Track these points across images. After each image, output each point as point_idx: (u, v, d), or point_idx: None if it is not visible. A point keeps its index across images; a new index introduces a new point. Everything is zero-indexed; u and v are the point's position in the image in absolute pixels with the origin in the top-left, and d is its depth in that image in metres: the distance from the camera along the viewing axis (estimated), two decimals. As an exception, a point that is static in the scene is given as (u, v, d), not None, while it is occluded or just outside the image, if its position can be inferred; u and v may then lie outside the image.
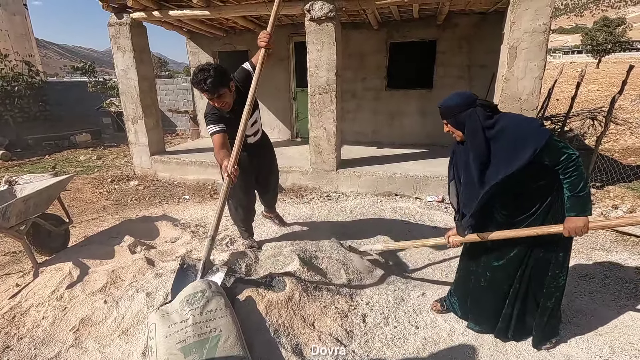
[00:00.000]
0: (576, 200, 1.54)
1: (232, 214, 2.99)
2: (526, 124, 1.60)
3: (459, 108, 1.65)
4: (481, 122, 1.61)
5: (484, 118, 1.62)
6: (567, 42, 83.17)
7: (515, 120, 1.62)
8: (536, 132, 1.54)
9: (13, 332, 2.08)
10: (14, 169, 6.58)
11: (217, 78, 2.21)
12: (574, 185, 1.53)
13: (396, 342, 1.95)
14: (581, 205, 1.55)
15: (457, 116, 1.67)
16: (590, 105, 10.83)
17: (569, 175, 1.53)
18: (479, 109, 1.63)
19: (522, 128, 1.58)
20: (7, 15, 13.06)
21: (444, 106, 1.72)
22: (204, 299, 1.84)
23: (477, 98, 1.67)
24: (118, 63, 5.24)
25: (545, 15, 3.54)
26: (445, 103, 1.71)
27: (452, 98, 1.70)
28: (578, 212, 1.55)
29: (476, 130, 1.62)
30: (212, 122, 2.37)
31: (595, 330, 2.00)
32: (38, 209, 2.85)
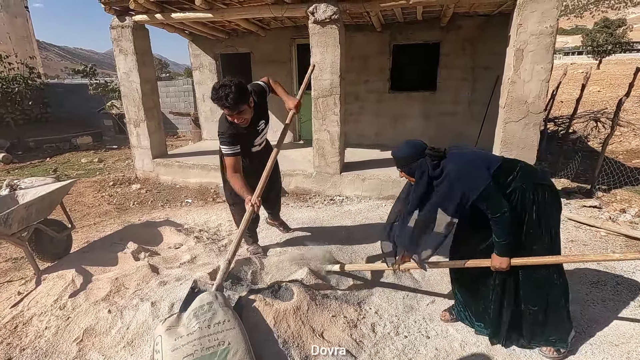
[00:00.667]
0: (498, 245, 1.75)
1: (237, 220, 2.94)
2: (467, 173, 1.72)
3: (410, 159, 1.81)
4: (428, 173, 1.76)
5: (432, 168, 1.77)
6: (567, 43, 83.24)
7: (457, 169, 1.74)
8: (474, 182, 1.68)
9: (15, 342, 2.04)
10: (15, 172, 6.54)
11: (238, 94, 2.19)
12: (496, 234, 1.74)
13: (407, 353, 1.91)
14: (500, 250, 1.75)
15: (409, 166, 1.82)
16: (592, 107, 10.80)
17: (493, 225, 1.72)
18: (428, 158, 1.78)
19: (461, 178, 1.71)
20: (9, 18, 13.05)
21: (397, 156, 1.87)
22: (211, 312, 1.80)
23: (425, 147, 1.81)
24: (120, 66, 5.21)
25: (552, 18, 3.50)
26: (397, 154, 1.87)
27: (403, 149, 1.85)
28: (498, 253, 1.77)
29: (423, 179, 1.78)
30: (228, 144, 2.36)
31: (610, 341, 1.96)
32: (40, 215, 2.82)
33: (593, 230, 3.46)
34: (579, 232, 3.43)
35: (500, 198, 1.68)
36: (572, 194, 4.45)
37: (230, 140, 2.35)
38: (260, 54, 6.60)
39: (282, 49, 6.42)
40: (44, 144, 8.82)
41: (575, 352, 1.90)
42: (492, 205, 1.68)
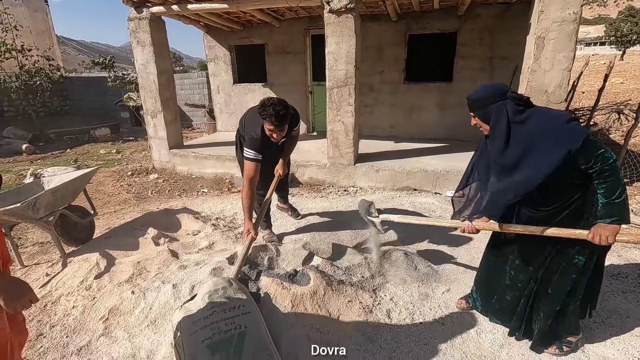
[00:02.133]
0: (611, 208, 1.42)
1: (255, 207, 3.00)
2: (561, 121, 1.49)
3: (488, 100, 1.56)
4: (509, 116, 1.52)
5: (514, 112, 1.52)
6: (589, 33, 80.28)
7: (548, 117, 1.52)
8: (572, 131, 1.43)
9: (45, 320, 2.13)
10: (38, 162, 6.76)
11: (287, 116, 2.40)
12: (609, 191, 1.41)
13: (423, 339, 1.93)
14: (617, 213, 1.43)
15: (485, 108, 1.58)
16: (615, 99, 10.45)
17: (603, 180, 1.41)
18: (509, 102, 1.53)
19: (555, 126, 1.47)
20: (29, 12, 13.38)
21: (472, 98, 1.63)
22: (226, 296, 1.84)
23: (508, 90, 1.57)
24: (137, 57, 5.29)
25: (576, 4, 3.40)
26: (474, 95, 1.63)
27: (481, 89, 1.61)
28: (612, 219, 1.43)
29: (501, 124, 1.53)
30: (254, 149, 2.49)
31: (631, 331, 1.93)
32: (65, 201, 2.92)
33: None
34: (599, 225, 3.36)
35: (604, 146, 1.41)
36: (593, 187, 4.34)
37: (258, 147, 2.49)
38: (274, 45, 6.60)
39: (296, 40, 6.41)
40: (64, 135, 9.07)
41: (594, 342, 1.88)
42: (602, 153, 1.39)
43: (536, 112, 1.54)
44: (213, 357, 1.56)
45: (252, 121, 2.58)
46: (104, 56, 9.86)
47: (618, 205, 1.41)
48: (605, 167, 1.39)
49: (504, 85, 1.59)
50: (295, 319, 1.91)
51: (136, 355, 1.83)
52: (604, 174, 1.40)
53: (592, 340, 1.89)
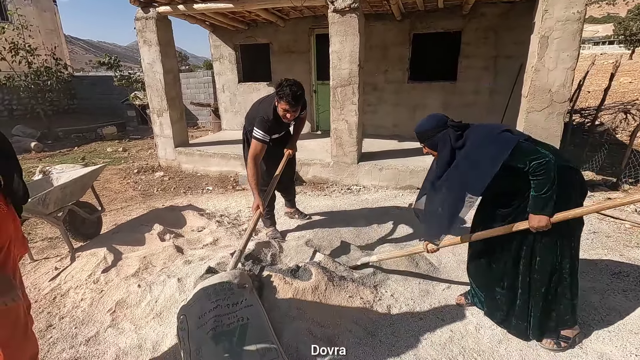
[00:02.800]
0: (538, 200, 1.62)
1: None
2: (493, 135, 1.65)
3: (433, 131, 1.77)
4: (452, 143, 1.72)
5: (455, 139, 1.72)
6: (598, 32, 79.26)
7: (481, 135, 1.69)
8: (503, 143, 1.60)
9: (54, 312, 2.20)
10: (46, 160, 6.87)
11: (303, 96, 2.51)
12: (538, 186, 1.60)
13: (422, 334, 1.96)
14: (542, 205, 1.62)
15: (431, 139, 1.78)
16: (623, 99, 10.34)
17: (535, 177, 1.59)
18: (450, 129, 1.73)
19: (487, 141, 1.64)
20: (38, 12, 13.54)
21: (419, 131, 1.83)
22: (230, 289, 1.89)
23: (447, 119, 1.77)
24: (144, 56, 5.37)
25: (581, 3, 3.39)
26: (420, 128, 1.83)
27: (424, 122, 1.81)
28: (538, 211, 1.63)
29: (446, 151, 1.74)
30: (264, 130, 2.55)
31: (630, 329, 1.94)
32: (74, 197, 2.99)
33: (617, 223, 3.38)
34: (602, 224, 3.36)
35: (536, 148, 1.59)
36: (597, 187, 4.33)
37: (268, 128, 2.55)
38: (279, 44, 6.65)
39: (301, 39, 6.45)
40: (72, 133, 9.20)
41: (592, 339, 1.90)
42: (532, 155, 1.56)
43: (471, 133, 1.72)
44: (216, 347, 1.61)
45: (264, 105, 2.67)
46: (109, 56, 9.97)
47: (542, 199, 1.61)
48: (539, 167, 1.56)
49: (443, 116, 1.80)
50: (297, 313, 1.95)
51: (142, 346, 1.88)
52: (537, 172, 1.58)
53: (590, 336, 1.91)
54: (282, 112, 2.51)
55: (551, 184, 1.58)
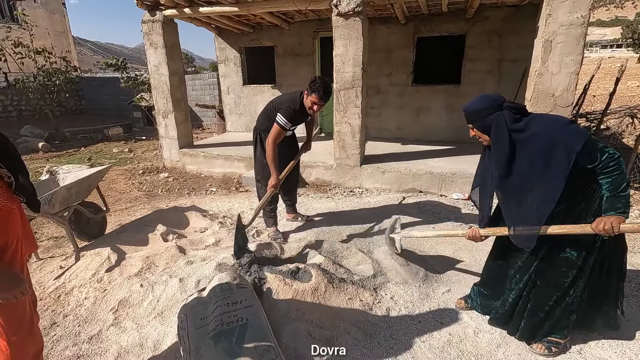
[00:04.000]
0: (616, 200, 1.45)
1: (260, 194, 3.21)
2: (560, 125, 1.51)
3: (486, 112, 1.59)
4: (508, 125, 1.54)
5: (512, 121, 1.54)
6: (606, 35, 78.64)
7: (546, 122, 1.53)
8: (573, 134, 1.45)
9: (59, 310, 2.24)
10: (53, 160, 6.98)
11: (332, 91, 2.89)
12: (615, 184, 1.44)
13: (421, 337, 1.96)
14: (621, 206, 1.45)
15: (483, 120, 1.60)
16: (630, 103, 10.25)
17: (609, 174, 1.44)
18: (507, 112, 1.56)
19: (556, 131, 1.49)
20: (47, 14, 13.78)
21: (469, 110, 1.65)
22: (229, 291, 1.92)
23: (504, 100, 1.59)
24: (150, 59, 5.44)
25: (584, 8, 3.39)
26: (470, 106, 1.65)
27: (477, 101, 1.63)
28: (616, 211, 1.45)
29: (502, 135, 1.55)
30: (288, 118, 2.77)
31: (630, 335, 1.93)
32: (79, 197, 3.04)
33: (621, 228, 3.35)
34: (605, 229, 3.33)
35: (604, 144, 1.46)
36: (601, 191, 4.30)
37: (291, 118, 2.79)
38: (284, 47, 6.70)
39: (305, 42, 6.49)
40: (79, 134, 9.32)
41: (591, 344, 1.89)
42: (603, 148, 1.43)
43: (534, 120, 1.56)
44: (216, 347, 1.63)
45: (285, 99, 2.89)
46: (117, 58, 10.10)
47: (623, 197, 1.44)
48: (611, 161, 1.42)
49: (500, 96, 1.61)
50: (296, 314, 1.96)
51: (144, 345, 1.91)
52: (609, 168, 1.43)
53: (590, 342, 1.90)
54: (310, 104, 2.74)
55: (627, 183, 1.45)
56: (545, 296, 1.75)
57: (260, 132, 3.05)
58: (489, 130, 1.60)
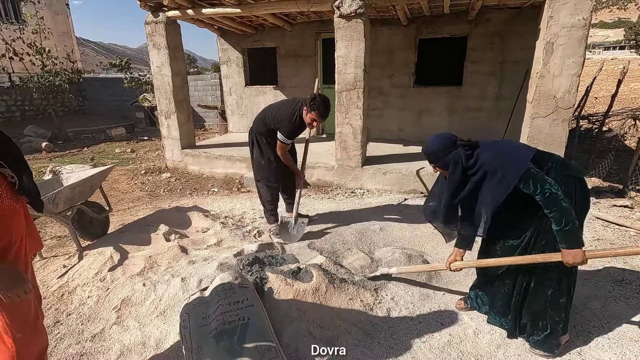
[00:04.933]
0: (563, 234, 1.58)
1: (262, 193, 3.28)
2: (506, 157, 1.67)
3: (443, 152, 1.75)
4: (462, 163, 1.70)
5: (466, 158, 1.70)
6: (609, 37, 78.43)
7: (495, 154, 1.69)
8: (512, 167, 1.61)
9: (62, 308, 2.26)
10: (56, 160, 7.02)
11: (330, 110, 2.91)
12: (557, 220, 1.56)
13: (421, 337, 1.97)
14: (569, 240, 1.58)
15: (442, 159, 1.76)
16: (633, 105, 10.23)
17: (549, 210, 1.56)
18: (461, 149, 1.72)
19: (500, 162, 1.65)
20: (51, 15, 13.85)
21: (428, 152, 1.81)
22: (231, 290, 1.94)
23: (457, 139, 1.75)
24: (153, 59, 5.47)
25: (586, 10, 3.40)
26: (429, 148, 1.81)
27: (434, 142, 1.79)
28: (567, 245, 1.58)
29: (457, 172, 1.71)
30: (290, 134, 2.94)
31: (630, 336, 1.94)
32: (82, 197, 3.06)
33: (622, 230, 3.36)
34: (606, 231, 3.34)
35: (545, 177, 1.58)
36: (603, 193, 4.30)
37: (293, 134, 2.97)
38: (286, 48, 6.72)
39: (307, 43, 6.51)
40: (82, 134, 9.37)
41: (591, 345, 1.90)
42: (541, 185, 1.55)
43: (482, 153, 1.71)
44: (217, 346, 1.64)
45: (283, 112, 2.97)
46: (120, 58, 10.15)
47: (568, 232, 1.56)
48: (545, 199, 1.55)
49: (451, 135, 1.78)
50: (297, 314, 1.98)
51: (146, 343, 1.93)
52: (548, 205, 1.56)
53: (590, 343, 1.91)
54: (310, 120, 2.86)
55: (569, 215, 1.54)
56: (544, 292, 1.78)
57: (256, 135, 3.13)
58: (448, 166, 1.76)
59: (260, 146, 3.11)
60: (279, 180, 3.20)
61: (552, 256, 1.66)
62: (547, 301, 1.77)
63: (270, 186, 3.20)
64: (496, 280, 1.97)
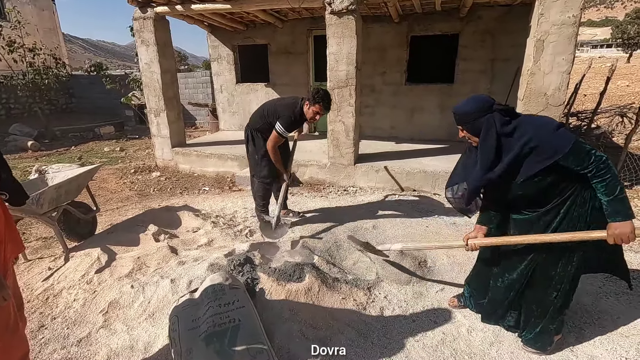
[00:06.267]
0: (618, 203, 1.43)
1: (255, 188, 3.32)
2: (548, 129, 1.51)
3: (476, 114, 1.56)
4: (497, 129, 1.53)
5: (501, 124, 1.53)
6: (596, 35, 79.61)
7: (537, 126, 1.52)
8: (560, 138, 1.46)
9: (47, 312, 2.19)
10: (43, 159, 6.86)
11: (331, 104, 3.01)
12: (610, 188, 1.43)
13: (415, 336, 1.96)
14: (623, 209, 1.43)
15: (474, 122, 1.58)
16: (620, 102, 10.40)
17: (601, 178, 1.43)
18: (497, 114, 1.55)
19: (544, 134, 1.49)
20: (36, 10, 13.51)
21: (460, 112, 1.62)
22: (222, 291, 1.90)
23: (494, 102, 1.58)
24: (142, 56, 5.36)
25: (576, 7, 3.41)
26: (461, 109, 1.62)
27: (468, 103, 1.61)
28: (623, 216, 1.43)
29: (491, 139, 1.54)
30: (288, 126, 2.93)
31: (621, 332, 1.95)
32: (68, 197, 2.98)
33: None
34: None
35: (592, 148, 1.45)
36: (592, 190, 4.35)
37: (291, 126, 2.96)
38: (277, 45, 6.65)
39: (299, 40, 6.45)
40: (69, 133, 9.18)
41: (583, 342, 1.91)
42: (593, 153, 1.42)
43: (523, 123, 1.55)
44: (207, 349, 1.61)
45: (288, 105, 2.99)
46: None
47: (622, 200, 1.43)
48: (601, 165, 1.42)
49: (490, 98, 1.60)
50: (289, 314, 1.95)
51: (134, 347, 1.88)
52: (601, 172, 1.42)
53: (581, 340, 1.92)
54: (313, 113, 2.89)
55: (622, 184, 1.43)
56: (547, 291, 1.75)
57: (252, 130, 3.15)
58: (479, 132, 1.58)
59: (255, 141, 3.14)
60: (272, 177, 3.20)
61: (591, 233, 1.51)
62: (546, 300, 1.75)
63: (263, 182, 3.22)
64: (494, 274, 1.93)
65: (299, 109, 2.95)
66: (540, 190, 1.58)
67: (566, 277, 1.68)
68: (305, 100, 2.94)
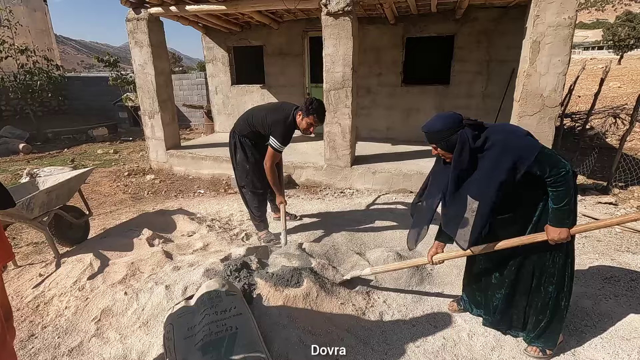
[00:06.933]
0: (559, 213, 1.57)
1: (247, 199, 3.14)
2: (519, 136, 1.60)
3: (450, 131, 1.61)
4: (470, 144, 1.59)
5: (473, 139, 1.60)
6: (588, 37, 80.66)
7: (507, 133, 1.61)
8: (526, 147, 1.55)
9: (37, 320, 2.13)
10: (34, 162, 6.74)
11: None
12: (559, 198, 1.55)
13: (415, 341, 1.93)
14: (562, 217, 1.57)
15: (448, 139, 1.62)
16: (612, 103, 10.51)
17: (555, 188, 1.54)
18: (467, 129, 1.60)
19: (514, 141, 1.58)
20: (28, 11, 13.37)
21: (433, 130, 1.65)
22: (218, 298, 1.85)
23: (462, 117, 1.63)
24: (135, 58, 5.30)
25: (571, 9, 3.42)
26: (434, 127, 1.65)
27: (439, 120, 1.65)
28: (557, 224, 1.58)
29: (465, 153, 1.60)
30: (284, 140, 2.81)
31: (622, 335, 1.94)
32: (60, 201, 2.91)
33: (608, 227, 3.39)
34: (593, 228, 3.37)
35: (559, 156, 1.53)
36: (588, 190, 4.37)
37: (287, 141, 2.85)
38: (273, 46, 6.62)
39: (295, 41, 6.43)
40: (62, 135, 9.05)
41: (584, 345, 1.89)
42: (555, 164, 1.50)
43: (492, 134, 1.61)
44: (204, 358, 1.56)
45: (280, 118, 2.81)
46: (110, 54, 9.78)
47: (565, 211, 1.56)
48: (559, 177, 1.51)
49: (457, 115, 1.65)
50: (288, 321, 1.91)
51: (127, 357, 1.82)
52: (557, 184, 1.53)
53: (582, 343, 1.90)
54: (307, 125, 2.76)
55: (571, 196, 1.54)
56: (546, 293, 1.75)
57: (239, 137, 2.99)
58: (453, 148, 1.63)
59: (244, 148, 2.96)
60: (265, 186, 3.02)
61: (537, 236, 1.65)
62: (545, 302, 1.75)
63: (256, 192, 3.06)
64: (483, 277, 1.94)
65: (291, 119, 2.78)
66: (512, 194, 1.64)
67: (557, 268, 1.71)
68: (298, 110, 2.77)
